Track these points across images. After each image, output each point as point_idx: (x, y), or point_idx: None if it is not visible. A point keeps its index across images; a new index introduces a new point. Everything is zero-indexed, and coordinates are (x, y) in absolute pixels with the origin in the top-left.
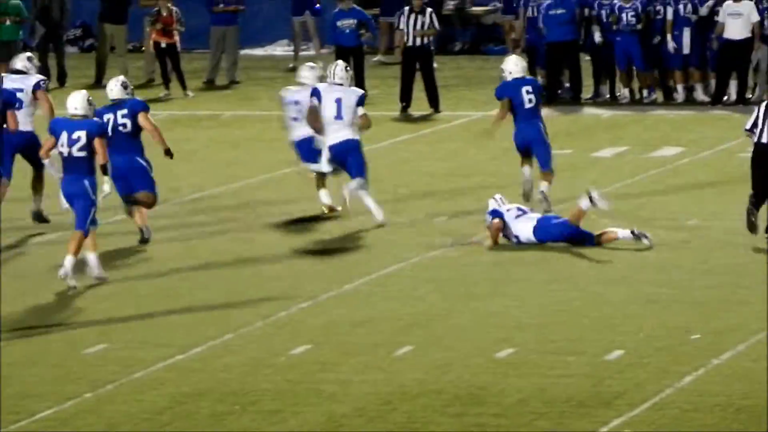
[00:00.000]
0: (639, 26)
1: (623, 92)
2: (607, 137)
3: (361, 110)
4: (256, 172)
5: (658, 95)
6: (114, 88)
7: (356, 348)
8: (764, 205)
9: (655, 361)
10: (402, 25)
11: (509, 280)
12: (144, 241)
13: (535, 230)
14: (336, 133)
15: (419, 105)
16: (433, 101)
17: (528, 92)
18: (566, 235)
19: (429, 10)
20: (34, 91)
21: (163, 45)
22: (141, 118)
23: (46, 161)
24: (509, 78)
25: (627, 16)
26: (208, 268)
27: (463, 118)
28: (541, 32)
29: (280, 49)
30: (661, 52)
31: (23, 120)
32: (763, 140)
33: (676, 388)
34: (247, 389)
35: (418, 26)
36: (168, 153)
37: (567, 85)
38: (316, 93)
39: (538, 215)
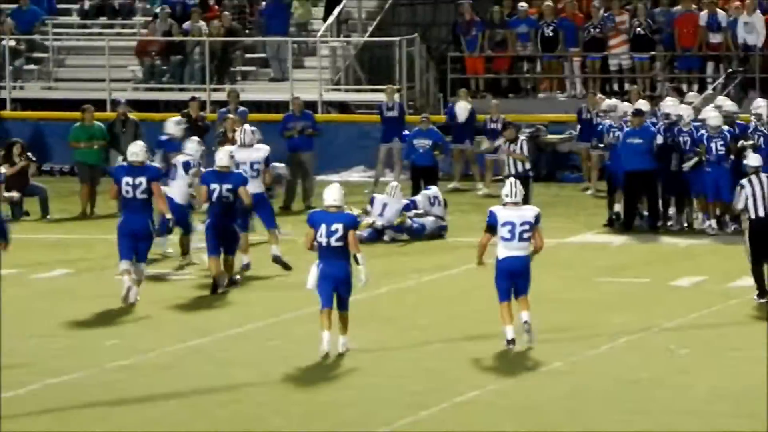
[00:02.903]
0: (730, 157)
1: (710, 223)
2: (685, 266)
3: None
4: None
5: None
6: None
7: None
8: None
9: None
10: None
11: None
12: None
13: None
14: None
15: None
16: None
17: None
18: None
19: (521, 138)
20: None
21: None
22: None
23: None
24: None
25: (716, 145)
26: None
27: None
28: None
29: (356, 175)
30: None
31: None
32: (761, 214)
33: None
34: None
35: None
36: None
37: (645, 213)
38: None
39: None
